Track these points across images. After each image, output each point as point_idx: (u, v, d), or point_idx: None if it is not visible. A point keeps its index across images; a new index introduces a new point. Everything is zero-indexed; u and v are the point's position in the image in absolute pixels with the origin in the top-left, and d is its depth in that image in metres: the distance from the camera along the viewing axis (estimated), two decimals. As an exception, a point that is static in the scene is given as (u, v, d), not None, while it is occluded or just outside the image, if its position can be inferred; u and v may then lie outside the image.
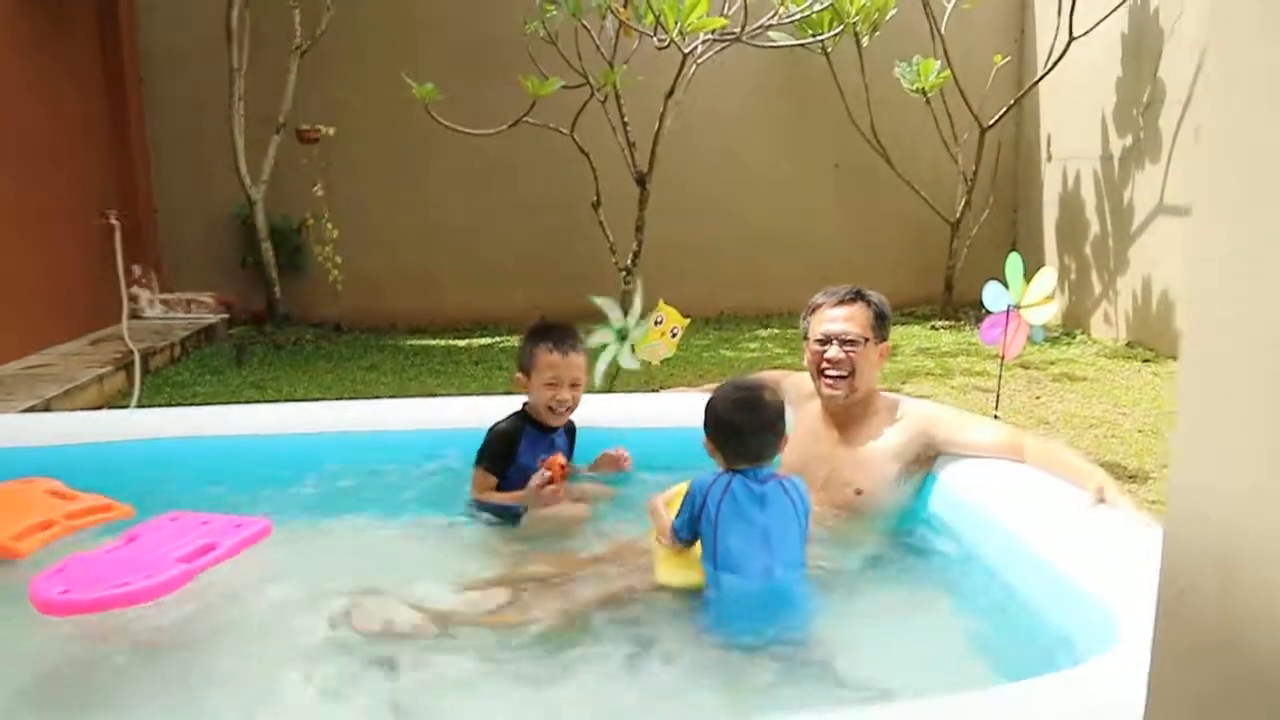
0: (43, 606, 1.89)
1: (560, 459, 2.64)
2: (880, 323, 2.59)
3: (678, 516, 2.17)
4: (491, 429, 2.72)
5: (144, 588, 1.94)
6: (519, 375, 2.70)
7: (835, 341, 2.56)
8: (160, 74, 7.39)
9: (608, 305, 3.84)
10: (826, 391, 2.61)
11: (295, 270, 7.55)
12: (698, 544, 2.16)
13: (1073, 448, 3.80)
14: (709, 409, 2.20)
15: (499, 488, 2.68)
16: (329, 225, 7.27)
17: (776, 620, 2.03)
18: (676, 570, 2.18)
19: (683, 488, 2.61)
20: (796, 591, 2.14)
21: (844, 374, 2.57)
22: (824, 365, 2.59)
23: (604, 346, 3.87)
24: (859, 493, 2.49)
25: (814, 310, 2.66)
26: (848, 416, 2.61)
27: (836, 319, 2.59)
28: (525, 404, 2.75)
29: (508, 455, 2.67)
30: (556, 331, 2.72)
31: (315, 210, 7.27)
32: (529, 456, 2.69)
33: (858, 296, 2.60)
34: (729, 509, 2.11)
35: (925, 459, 2.54)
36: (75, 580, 1.96)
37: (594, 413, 2.87)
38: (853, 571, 2.32)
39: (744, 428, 2.14)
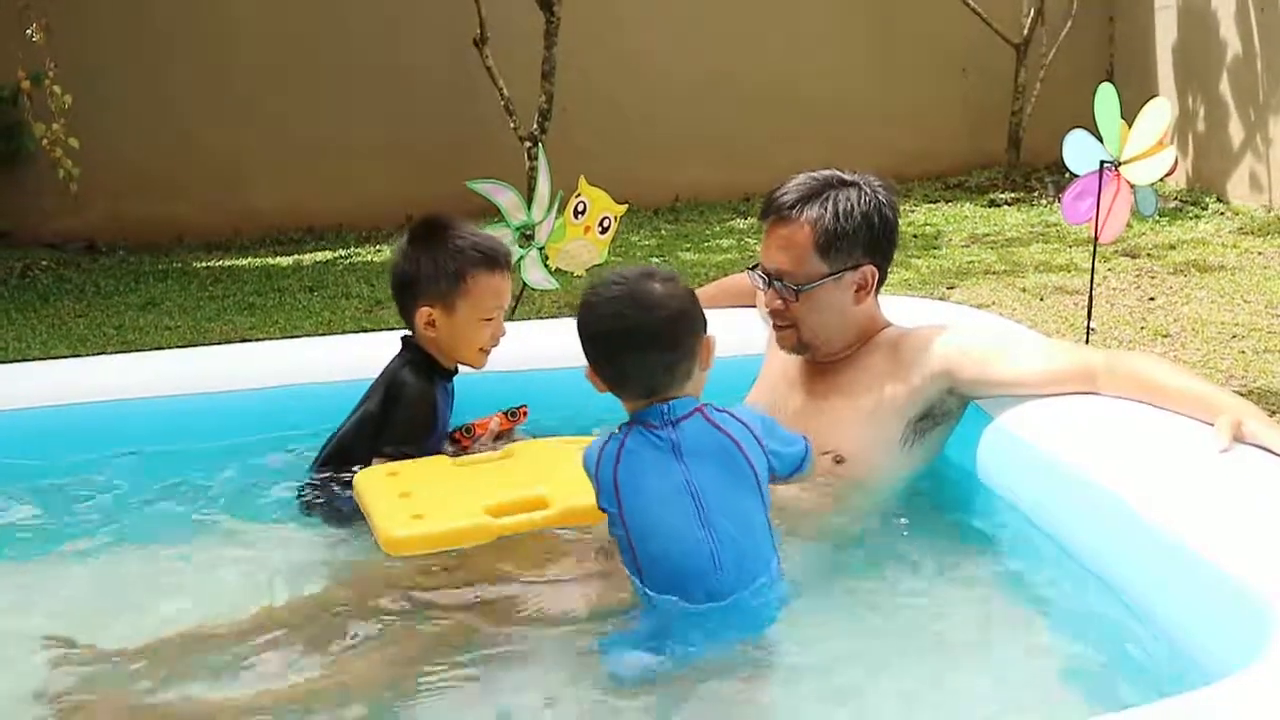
0: None
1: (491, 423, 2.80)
2: (839, 243, 2.57)
3: None
4: (404, 395, 2.72)
5: None
6: (426, 309, 2.72)
7: (773, 278, 2.61)
8: None
9: (495, 191, 3.81)
10: (779, 343, 2.69)
11: (12, 163, 7.38)
12: None
13: (1190, 367, 3.85)
14: (578, 312, 2.21)
15: None
16: (56, 90, 7.00)
17: (714, 639, 2.04)
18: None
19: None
20: (762, 598, 2.11)
21: (786, 324, 2.63)
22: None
23: None
24: (839, 461, 2.56)
25: (762, 215, 2.71)
26: (829, 359, 2.70)
27: (771, 244, 2.63)
28: (412, 341, 2.80)
29: (434, 428, 2.74)
30: (484, 242, 2.78)
31: (34, 67, 6.97)
32: (442, 418, 2.79)
33: (799, 204, 2.58)
34: (629, 478, 2.09)
35: (944, 412, 2.62)
36: None
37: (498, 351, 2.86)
38: (831, 572, 2.38)
39: (614, 339, 2.13)
